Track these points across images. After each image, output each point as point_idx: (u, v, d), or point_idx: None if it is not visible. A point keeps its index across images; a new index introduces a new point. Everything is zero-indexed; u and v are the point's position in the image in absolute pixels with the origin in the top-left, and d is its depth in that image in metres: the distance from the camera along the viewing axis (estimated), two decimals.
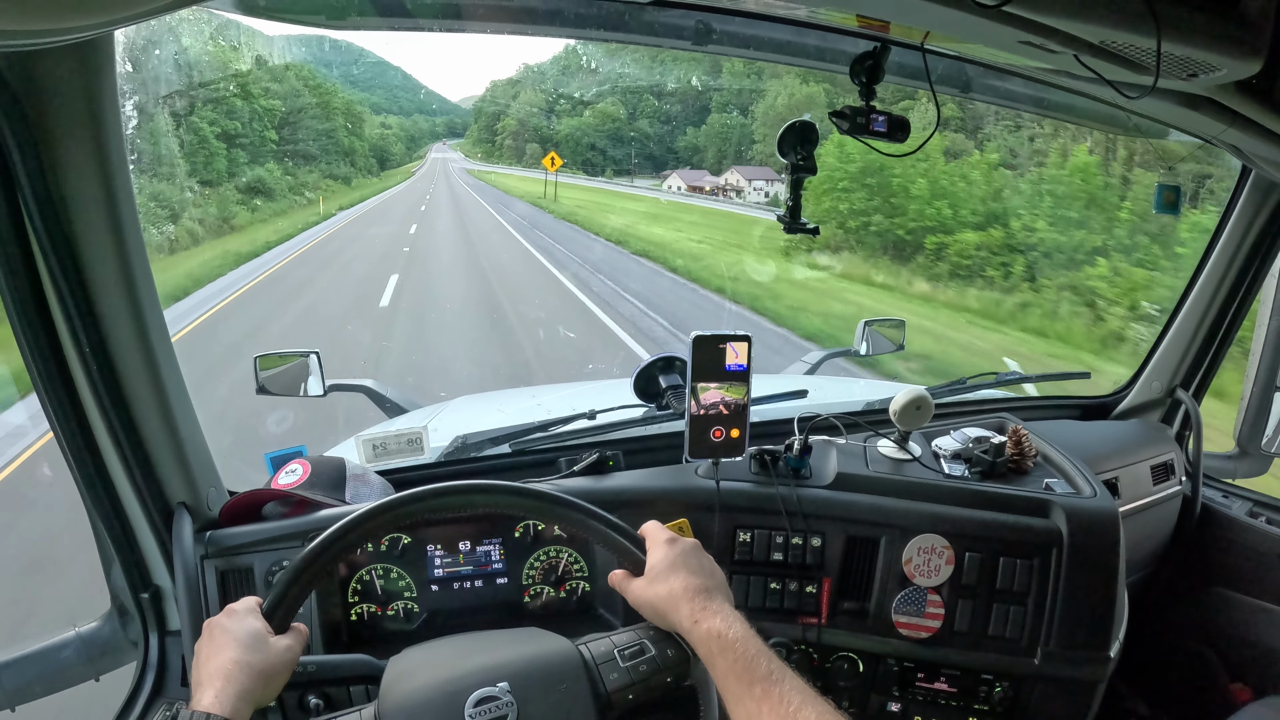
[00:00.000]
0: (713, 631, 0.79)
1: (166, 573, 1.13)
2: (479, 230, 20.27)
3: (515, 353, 7.59)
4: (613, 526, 0.93)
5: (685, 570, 0.86)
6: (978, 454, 1.37)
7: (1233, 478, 1.95)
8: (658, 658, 0.86)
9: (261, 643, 0.80)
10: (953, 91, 1.40)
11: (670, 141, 44.34)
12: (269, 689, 0.79)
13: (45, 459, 4.41)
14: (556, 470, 1.35)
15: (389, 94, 73.39)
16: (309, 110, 30.59)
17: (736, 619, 0.81)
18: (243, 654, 0.78)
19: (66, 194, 0.90)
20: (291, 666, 0.83)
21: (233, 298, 10.15)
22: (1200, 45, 0.90)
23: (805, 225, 1.24)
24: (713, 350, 1.21)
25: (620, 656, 0.86)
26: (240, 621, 0.82)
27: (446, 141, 75.68)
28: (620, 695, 0.83)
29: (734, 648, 0.77)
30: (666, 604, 0.85)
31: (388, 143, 52.76)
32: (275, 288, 11.22)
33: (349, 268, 13.14)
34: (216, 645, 0.79)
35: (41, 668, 1.13)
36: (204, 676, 0.77)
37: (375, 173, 41.99)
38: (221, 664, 0.77)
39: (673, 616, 0.84)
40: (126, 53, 0.86)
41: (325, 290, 11.12)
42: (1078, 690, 1.30)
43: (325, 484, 1.25)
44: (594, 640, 0.89)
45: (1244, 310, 1.81)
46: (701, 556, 0.90)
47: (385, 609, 1.24)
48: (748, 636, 0.79)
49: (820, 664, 1.30)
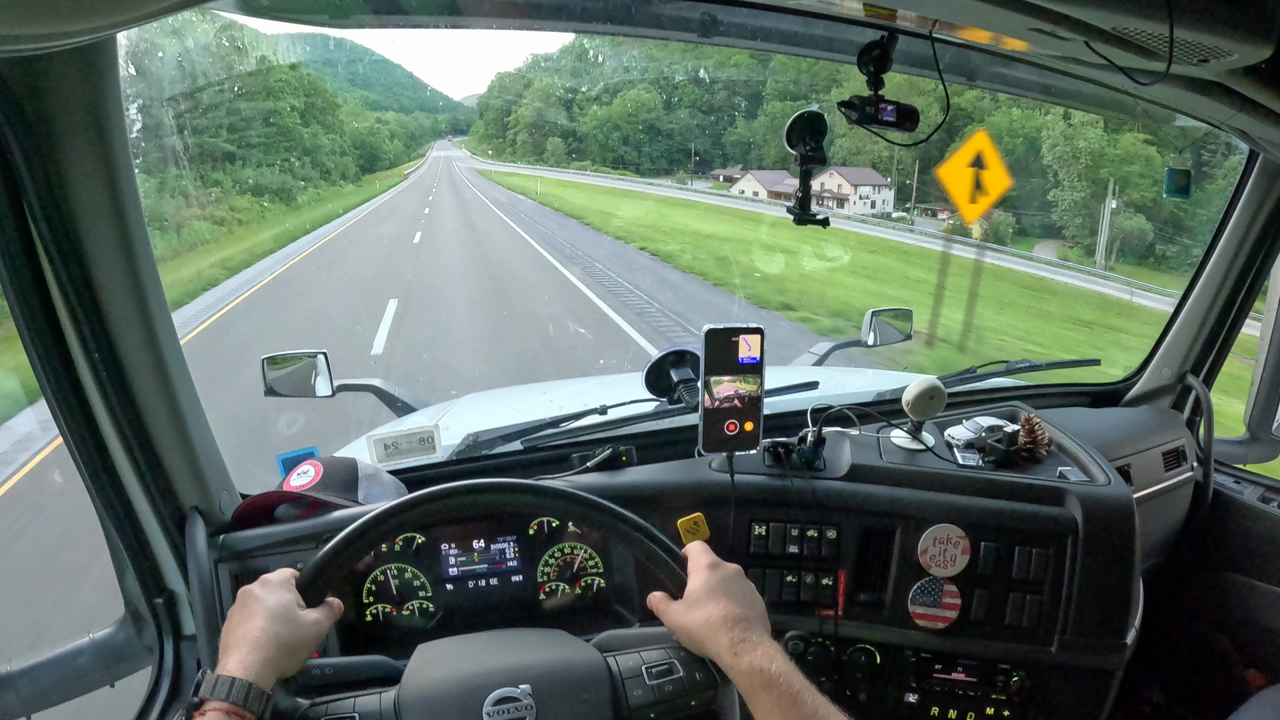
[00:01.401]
0: (755, 666, 0.78)
1: (180, 577, 1.13)
2: (525, 292, 10.69)
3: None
4: (658, 543, 0.91)
5: (726, 598, 0.85)
6: (991, 443, 1.37)
7: (1244, 463, 1.95)
8: (685, 680, 0.86)
9: (291, 614, 0.82)
10: (960, 80, 1.39)
11: (717, 134, 38.25)
12: (293, 660, 0.80)
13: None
14: (569, 466, 1.35)
15: (389, 91, 68.75)
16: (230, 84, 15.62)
17: (778, 653, 0.80)
18: (272, 624, 0.79)
19: (71, 198, 0.89)
20: (319, 640, 0.84)
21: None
22: (1212, 30, 0.89)
23: (815, 216, 1.23)
24: (725, 343, 1.20)
25: (648, 674, 0.86)
26: (273, 592, 0.83)
27: (450, 139, 70.02)
28: (641, 713, 0.83)
29: (778, 684, 0.76)
30: (705, 631, 0.84)
31: (379, 140, 43.51)
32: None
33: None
34: (247, 612, 0.81)
35: (57, 675, 1.13)
36: (231, 641, 0.78)
37: (354, 178, 31.82)
38: (249, 631, 0.78)
39: (711, 645, 0.83)
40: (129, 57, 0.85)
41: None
42: (1095, 678, 1.29)
43: (338, 485, 1.24)
44: (624, 654, 0.88)
45: (1253, 295, 1.80)
46: (743, 584, 0.89)
47: (400, 609, 1.24)
48: (791, 672, 0.78)
49: (837, 656, 1.30)
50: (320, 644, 0.84)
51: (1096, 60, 1.04)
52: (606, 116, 42.01)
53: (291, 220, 17.53)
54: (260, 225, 16.09)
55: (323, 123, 27.87)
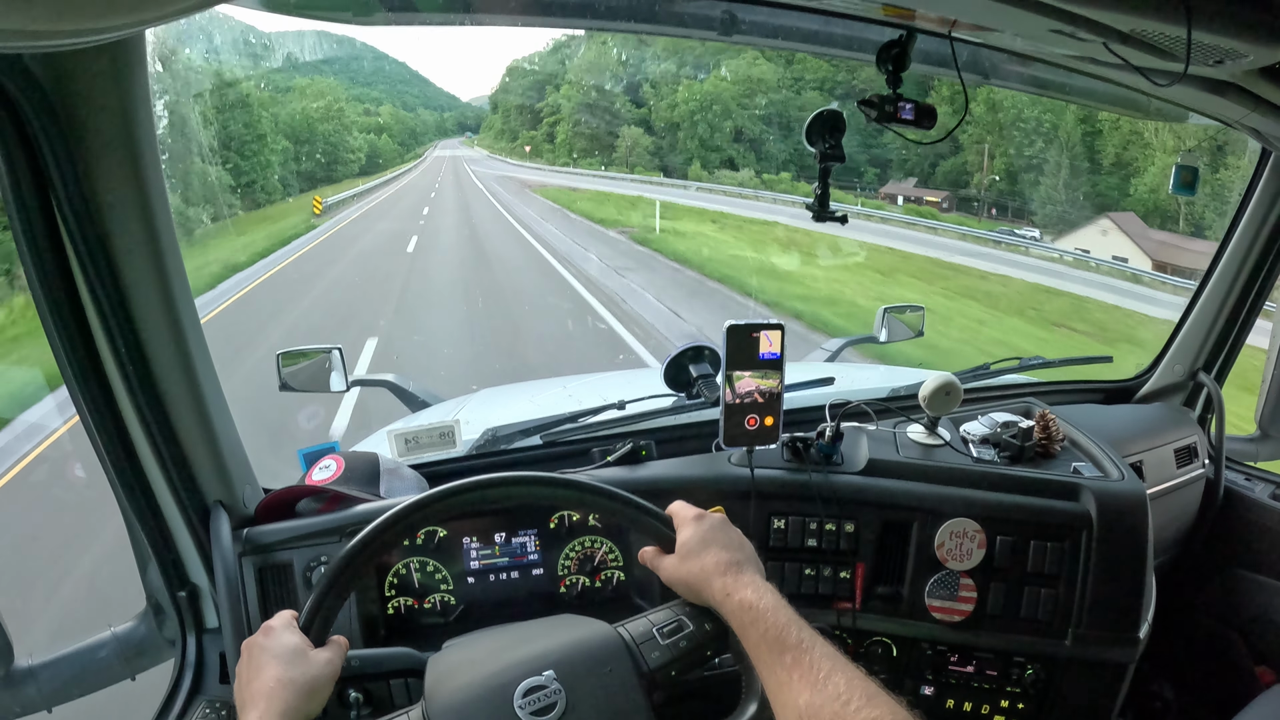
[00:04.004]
0: (744, 603, 0.80)
1: (203, 571, 1.13)
2: None
3: None
4: (639, 508, 0.93)
5: (715, 545, 0.87)
6: (1006, 438, 1.37)
7: (1255, 460, 1.95)
8: (696, 633, 0.87)
9: (301, 658, 0.79)
10: (976, 79, 1.40)
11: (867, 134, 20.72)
12: (313, 703, 0.78)
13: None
14: (589, 461, 1.35)
15: (393, 89, 62.22)
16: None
17: (767, 589, 0.82)
18: (284, 671, 0.76)
19: (100, 194, 0.90)
20: (334, 679, 0.81)
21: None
22: (1229, 32, 0.90)
23: (834, 214, 1.24)
24: (746, 339, 1.21)
25: (659, 635, 0.86)
26: (278, 639, 0.80)
27: (461, 138, 56.55)
28: (663, 673, 0.84)
29: (765, 617, 0.78)
30: (699, 579, 0.85)
31: (338, 136, 27.53)
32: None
33: None
34: (256, 666, 0.78)
35: (78, 668, 1.14)
36: (247, 698, 0.76)
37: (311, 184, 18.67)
38: (263, 684, 0.75)
39: (705, 591, 0.85)
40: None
41: None
42: (1107, 672, 1.30)
43: (359, 479, 1.25)
44: (632, 621, 0.89)
45: (1265, 293, 1.81)
46: (729, 530, 0.91)
47: (422, 602, 1.25)
48: (778, 606, 0.79)
49: (855, 649, 1.31)
50: (334, 681, 0.81)
51: (1114, 61, 1.04)
52: (704, 96, 27.69)
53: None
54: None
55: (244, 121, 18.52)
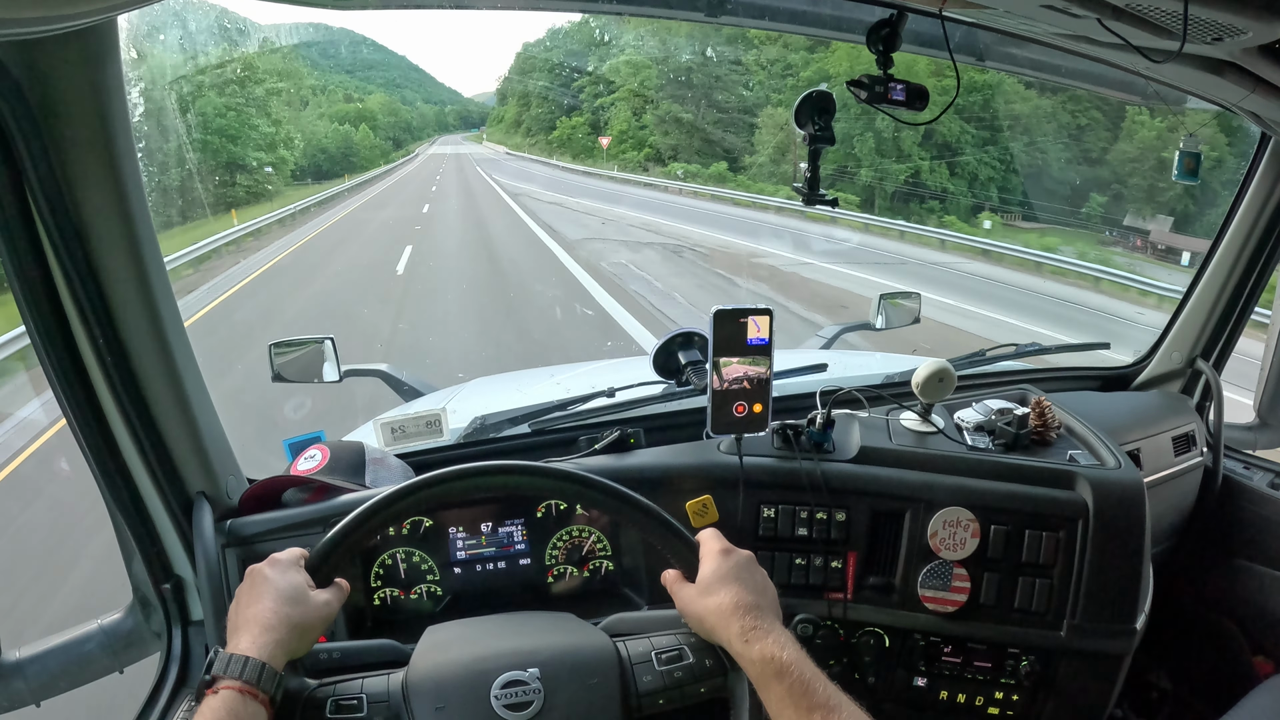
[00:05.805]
0: (766, 654, 0.77)
1: (188, 563, 1.13)
2: None
3: None
4: (669, 527, 0.91)
5: (738, 584, 0.85)
6: (1001, 426, 1.36)
7: (1253, 449, 1.93)
8: (695, 666, 0.85)
9: (302, 596, 0.81)
10: (969, 60, 1.38)
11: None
12: (303, 642, 0.80)
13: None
14: (577, 449, 1.34)
15: (390, 84, 59.06)
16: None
17: (790, 641, 0.79)
18: (282, 605, 0.79)
19: (74, 183, 0.88)
20: (328, 621, 0.83)
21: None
22: (1227, 7, 0.87)
23: (824, 196, 1.22)
24: (734, 325, 1.19)
25: (657, 659, 0.85)
26: (283, 573, 0.82)
27: (465, 134, 49.79)
28: (650, 699, 0.83)
29: (790, 672, 0.76)
30: (716, 618, 0.83)
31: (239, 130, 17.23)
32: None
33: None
34: (257, 593, 0.80)
35: (65, 661, 1.13)
36: (241, 622, 0.78)
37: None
38: (260, 611, 0.77)
39: (722, 632, 0.82)
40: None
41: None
42: (1103, 663, 1.29)
43: (345, 469, 1.24)
44: (634, 639, 0.88)
45: (1264, 279, 1.79)
46: (755, 571, 0.89)
47: (408, 593, 1.24)
48: (802, 660, 0.77)
49: (846, 639, 1.30)
50: (330, 625, 0.84)
51: (1109, 39, 1.02)
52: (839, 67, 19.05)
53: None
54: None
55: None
